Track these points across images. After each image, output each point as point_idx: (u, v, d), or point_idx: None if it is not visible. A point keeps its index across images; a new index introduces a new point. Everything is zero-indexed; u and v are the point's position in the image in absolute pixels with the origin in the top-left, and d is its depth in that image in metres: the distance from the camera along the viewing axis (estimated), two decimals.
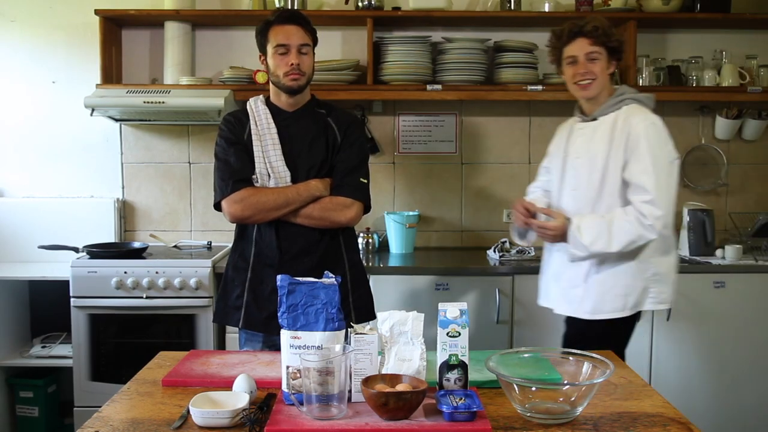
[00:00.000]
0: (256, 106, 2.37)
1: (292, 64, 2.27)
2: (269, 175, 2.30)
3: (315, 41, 2.38)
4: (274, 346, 2.24)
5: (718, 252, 3.44)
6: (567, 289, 2.44)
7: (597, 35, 2.36)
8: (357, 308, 2.37)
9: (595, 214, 2.35)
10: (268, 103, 2.39)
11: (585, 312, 2.39)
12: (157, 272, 3.18)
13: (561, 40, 2.42)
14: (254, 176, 2.30)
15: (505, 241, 3.55)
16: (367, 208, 2.39)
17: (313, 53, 2.37)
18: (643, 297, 2.37)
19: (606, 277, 2.36)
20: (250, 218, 2.29)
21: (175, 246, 3.66)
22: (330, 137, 2.36)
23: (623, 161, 2.33)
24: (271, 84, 2.38)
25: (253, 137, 2.32)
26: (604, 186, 2.36)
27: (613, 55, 2.41)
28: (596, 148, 2.39)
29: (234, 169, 2.30)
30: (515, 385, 1.51)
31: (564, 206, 2.47)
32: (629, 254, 2.34)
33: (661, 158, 2.32)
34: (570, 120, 2.62)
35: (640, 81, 3.59)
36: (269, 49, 2.31)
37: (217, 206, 2.35)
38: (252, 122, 2.35)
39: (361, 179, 2.35)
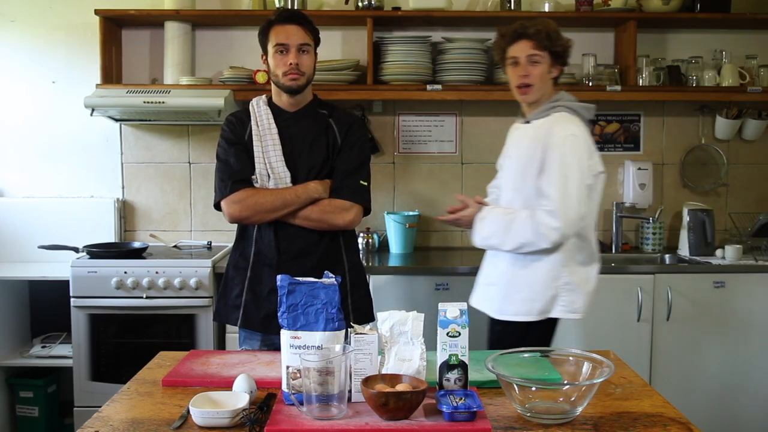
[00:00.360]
0: (258, 107, 2.37)
1: (290, 64, 2.27)
2: (269, 176, 2.29)
3: (317, 41, 2.37)
4: (273, 346, 2.24)
5: (718, 252, 3.44)
6: (484, 285, 2.50)
7: (540, 38, 2.35)
8: (356, 310, 2.37)
9: (503, 210, 2.42)
10: (270, 103, 2.39)
11: (493, 310, 2.42)
12: (157, 272, 3.18)
13: (505, 40, 2.42)
14: (254, 177, 2.30)
15: None
16: (366, 211, 2.37)
17: (315, 53, 2.36)
18: (551, 304, 2.36)
19: (518, 280, 2.38)
20: (248, 219, 2.29)
21: (175, 246, 3.66)
22: (331, 138, 2.35)
23: (539, 168, 2.33)
24: (272, 84, 2.38)
25: (254, 137, 2.32)
26: (521, 189, 2.38)
27: (556, 59, 2.40)
28: (520, 152, 2.42)
29: (233, 169, 2.30)
30: (515, 385, 1.51)
31: (502, 205, 2.52)
32: (544, 260, 2.34)
33: (573, 171, 2.28)
34: (517, 121, 2.64)
35: (640, 81, 3.59)
36: (269, 48, 2.31)
37: (217, 206, 2.35)
38: (253, 122, 2.34)
39: (361, 181, 2.34)
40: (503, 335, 2.40)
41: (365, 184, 2.35)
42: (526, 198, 2.36)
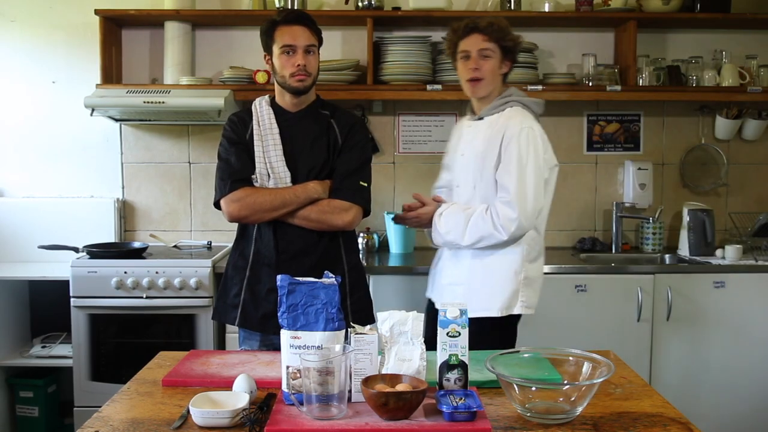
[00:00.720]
0: (260, 106, 2.37)
1: (298, 65, 2.27)
2: (269, 176, 2.29)
3: (320, 42, 2.37)
4: (272, 346, 2.24)
5: (718, 252, 3.44)
6: (447, 285, 2.49)
7: (491, 32, 2.37)
8: (355, 312, 2.36)
9: (461, 206, 2.41)
10: (273, 103, 2.39)
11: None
12: (157, 272, 3.18)
13: (457, 34, 2.43)
14: (254, 176, 2.30)
15: None
16: (366, 212, 2.37)
17: (318, 54, 2.37)
18: (514, 300, 2.40)
19: (481, 276, 2.40)
20: (247, 218, 2.30)
21: (175, 246, 3.66)
22: (332, 138, 2.35)
23: (497, 162, 2.36)
24: (275, 84, 2.37)
25: (255, 137, 2.32)
26: (479, 185, 2.40)
27: (507, 55, 2.43)
28: (476, 148, 2.42)
29: (233, 169, 2.30)
30: (515, 385, 1.51)
31: (460, 203, 2.51)
32: (507, 255, 2.38)
33: (529, 163, 2.32)
34: (464, 118, 2.65)
35: (640, 81, 3.59)
36: (275, 49, 2.30)
37: (217, 205, 2.35)
38: (255, 122, 2.34)
39: (361, 182, 2.33)
40: (475, 333, 2.40)
41: (365, 185, 2.34)
42: (485, 194, 2.39)
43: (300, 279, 1.63)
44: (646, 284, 3.21)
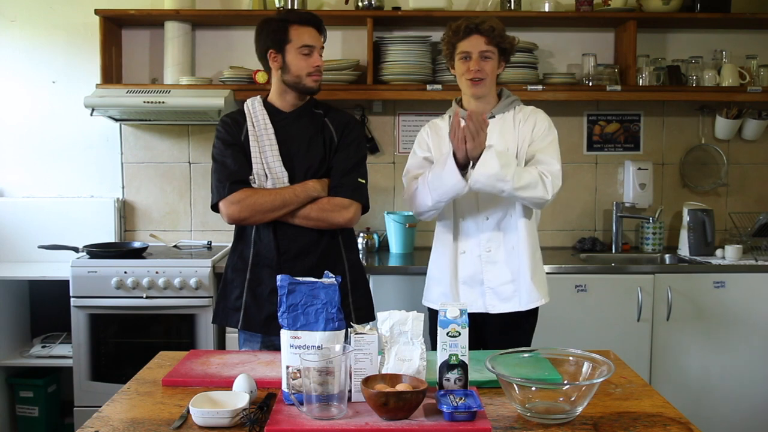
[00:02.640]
0: (253, 107, 2.37)
1: (317, 66, 2.30)
2: (266, 176, 2.29)
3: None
4: (273, 347, 2.24)
5: (718, 252, 3.45)
6: (497, 287, 2.45)
7: (493, 35, 2.40)
8: (356, 309, 2.37)
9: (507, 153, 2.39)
10: (266, 103, 2.39)
11: (523, 304, 2.44)
12: (157, 272, 3.18)
13: (457, 36, 2.44)
14: (251, 177, 2.30)
15: None
16: (365, 209, 2.38)
17: None
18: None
19: (531, 269, 2.44)
20: (247, 219, 2.29)
21: (175, 246, 3.66)
22: (327, 137, 2.35)
23: (528, 157, 2.44)
24: (275, 83, 2.37)
25: (250, 138, 2.32)
26: None
27: (503, 56, 2.46)
28: (506, 143, 2.44)
29: (231, 170, 2.29)
30: (515, 385, 1.51)
31: (467, 200, 2.45)
32: (537, 245, 2.51)
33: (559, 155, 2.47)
34: (442, 120, 2.58)
35: (640, 81, 3.59)
36: (291, 48, 2.30)
37: (215, 208, 2.34)
38: (249, 123, 2.34)
39: (359, 179, 2.34)
40: (521, 324, 2.47)
41: (363, 181, 2.35)
42: None
43: (300, 279, 1.63)
44: (646, 284, 3.21)
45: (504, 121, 2.48)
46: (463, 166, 2.29)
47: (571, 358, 1.67)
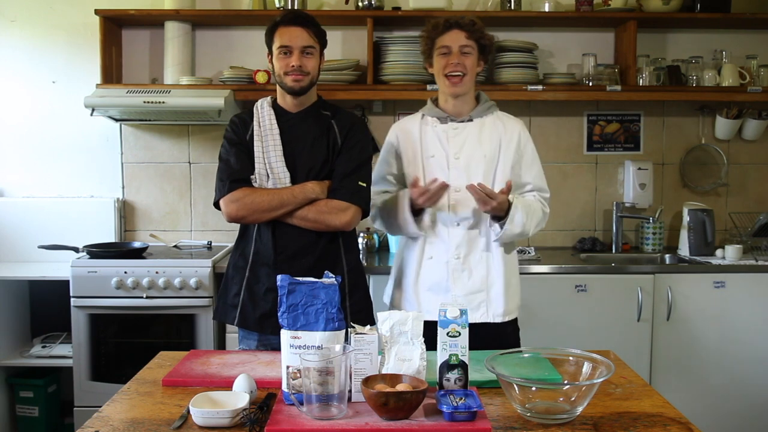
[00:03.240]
0: (261, 107, 2.37)
1: (292, 66, 2.27)
2: (268, 176, 2.29)
3: (323, 44, 2.36)
4: (270, 346, 2.24)
5: (718, 252, 3.45)
6: (464, 296, 2.37)
7: (473, 30, 2.36)
8: (354, 312, 2.36)
9: (517, 197, 2.38)
10: (275, 104, 2.39)
11: (497, 315, 2.37)
12: (157, 272, 3.18)
13: (436, 30, 2.40)
14: (253, 177, 2.30)
15: None
16: (365, 212, 2.36)
17: (321, 55, 2.36)
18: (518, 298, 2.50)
19: (505, 279, 2.39)
20: (245, 218, 2.29)
21: (175, 246, 3.66)
22: (331, 139, 2.35)
23: (513, 161, 2.41)
24: (277, 85, 2.38)
25: (255, 138, 2.32)
26: (496, 185, 2.36)
27: (482, 53, 2.41)
28: (483, 149, 2.39)
29: (233, 169, 2.30)
30: (515, 385, 1.51)
31: (440, 203, 2.38)
32: (514, 257, 2.49)
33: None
34: (413, 120, 2.50)
35: (640, 81, 3.59)
36: (274, 49, 2.32)
37: (217, 205, 2.35)
38: (255, 123, 2.35)
39: (360, 182, 2.32)
40: (503, 335, 2.39)
41: (364, 185, 2.34)
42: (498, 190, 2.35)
43: (300, 279, 1.63)
44: (646, 284, 3.21)
45: (482, 126, 2.42)
46: (418, 212, 2.36)
47: (571, 358, 1.67)
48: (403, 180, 2.48)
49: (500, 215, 2.31)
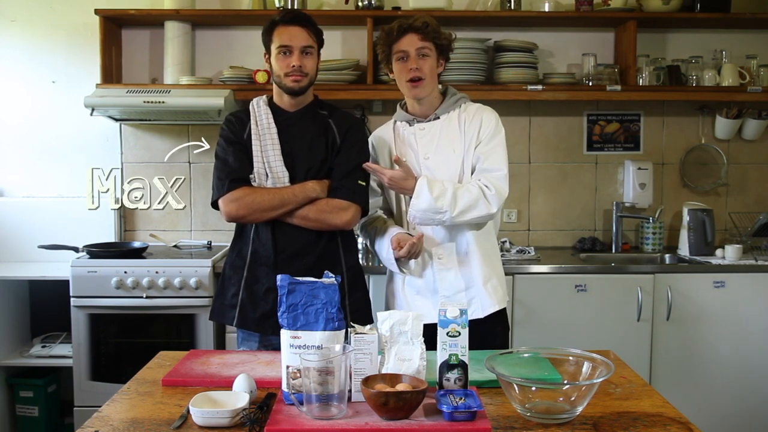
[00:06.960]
0: (258, 106, 2.37)
1: (293, 66, 2.27)
2: (267, 175, 2.29)
3: (320, 43, 2.36)
4: (271, 346, 2.24)
5: (718, 252, 3.45)
6: (451, 296, 2.36)
7: (427, 31, 2.33)
8: (353, 312, 2.36)
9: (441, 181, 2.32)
10: (271, 103, 2.39)
11: (486, 310, 2.35)
12: (157, 272, 3.18)
13: (391, 37, 2.36)
14: (252, 176, 2.30)
15: (505, 241, 3.55)
16: (365, 211, 2.36)
17: (318, 55, 2.37)
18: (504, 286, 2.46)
19: (484, 276, 2.35)
20: (245, 218, 2.29)
21: (175, 246, 3.66)
22: (330, 138, 2.35)
23: (478, 156, 2.35)
24: (273, 84, 2.38)
25: (253, 137, 2.32)
26: (463, 179, 2.34)
27: (442, 54, 2.38)
28: (452, 145, 2.36)
29: (231, 168, 2.30)
30: (515, 385, 1.51)
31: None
32: (495, 250, 2.43)
33: (506, 150, 2.38)
34: (386, 128, 2.49)
35: (640, 81, 3.59)
36: (273, 49, 2.31)
37: (215, 205, 2.35)
38: (252, 122, 2.34)
39: (360, 182, 2.33)
40: (491, 328, 2.37)
41: (363, 184, 2.34)
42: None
43: (300, 279, 1.63)
44: (646, 284, 3.21)
45: (449, 121, 2.38)
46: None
47: (571, 358, 1.67)
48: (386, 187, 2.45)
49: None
